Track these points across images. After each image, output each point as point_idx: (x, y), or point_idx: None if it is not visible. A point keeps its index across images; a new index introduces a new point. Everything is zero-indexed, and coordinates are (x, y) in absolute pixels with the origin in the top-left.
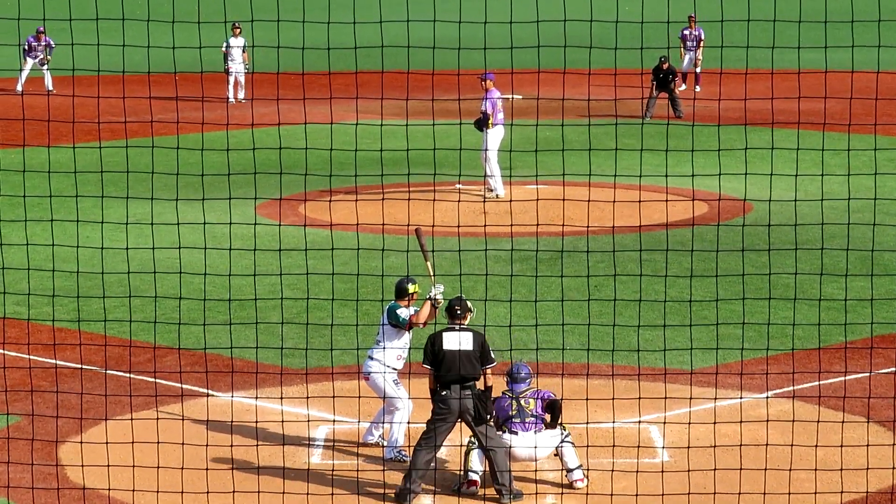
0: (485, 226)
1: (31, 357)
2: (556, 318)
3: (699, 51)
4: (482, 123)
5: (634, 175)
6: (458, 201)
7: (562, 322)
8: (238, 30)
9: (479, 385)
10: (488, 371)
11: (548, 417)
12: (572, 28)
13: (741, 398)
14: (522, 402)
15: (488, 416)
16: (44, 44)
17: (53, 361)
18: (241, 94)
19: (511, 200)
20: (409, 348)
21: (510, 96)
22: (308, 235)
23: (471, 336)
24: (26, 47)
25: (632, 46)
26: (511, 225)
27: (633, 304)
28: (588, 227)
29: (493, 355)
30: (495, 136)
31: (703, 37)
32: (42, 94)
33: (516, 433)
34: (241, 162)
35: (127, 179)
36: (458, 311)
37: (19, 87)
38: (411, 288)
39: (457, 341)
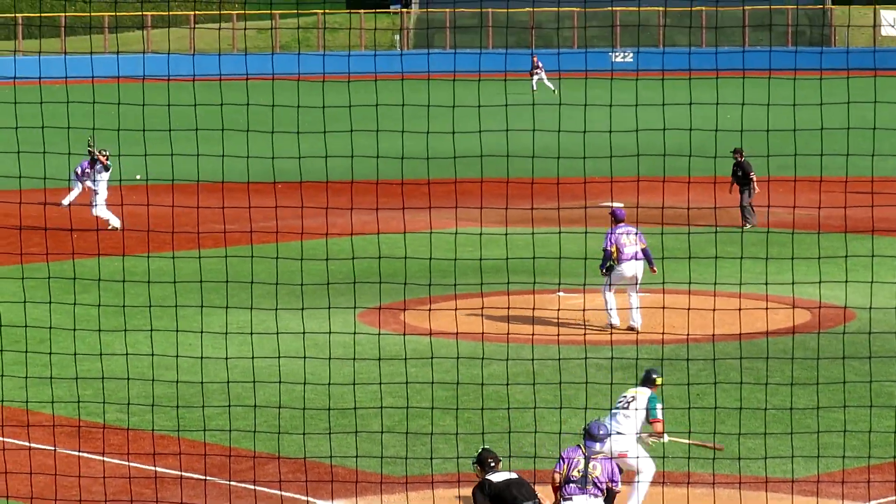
0: (584, 334)
1: (132, 465)
2: None
3: None
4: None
5: (735, 283)
6: (558, 309)
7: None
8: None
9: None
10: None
11: (605, 489)
12: (671, 137)
13: None
14: (591, 466)
15: None
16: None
17: (154, 469)
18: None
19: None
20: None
21: (610, 204)
22: (408, 343)
23: (515, 473)
24: (78, 171)
25: (726, 154)
26: (611, 332)
27: (735, 412)
28: (688, 334)
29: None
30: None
31: None
32: (137, 205)
33: (570, 499)
34: (343, 270)
35: (226, 288)
36: (492, 463)
37: (65, 202)
38: (658, 379)
39: (505, 475)
